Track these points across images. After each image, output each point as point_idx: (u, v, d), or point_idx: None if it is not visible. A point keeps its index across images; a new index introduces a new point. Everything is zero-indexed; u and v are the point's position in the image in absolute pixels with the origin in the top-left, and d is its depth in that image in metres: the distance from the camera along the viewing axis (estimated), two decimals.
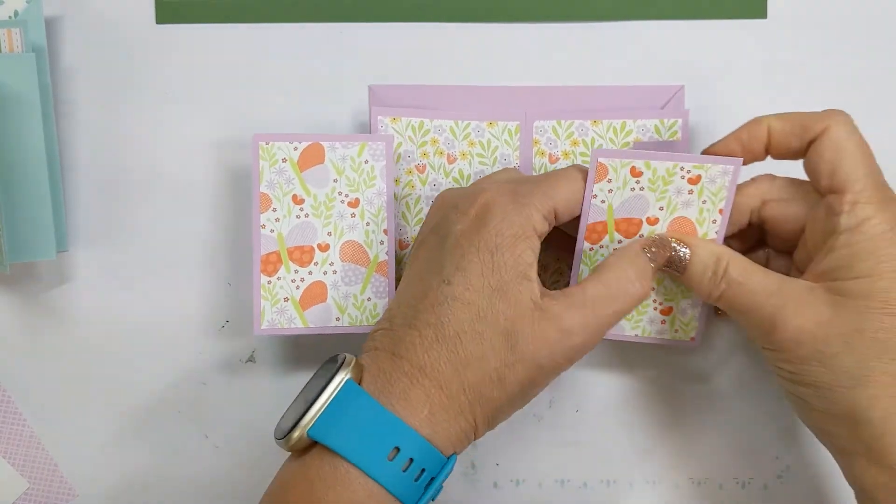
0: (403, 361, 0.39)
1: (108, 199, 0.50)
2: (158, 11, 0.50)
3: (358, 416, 0.38)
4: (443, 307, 0.39)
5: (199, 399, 0.50)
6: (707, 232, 0.44)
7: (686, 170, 0.43)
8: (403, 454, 0.37)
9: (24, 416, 0.50)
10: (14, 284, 0.50)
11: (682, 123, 0.47)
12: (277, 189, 0.46)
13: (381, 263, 0.47)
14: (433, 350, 0.39)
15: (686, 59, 0.50)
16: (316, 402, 0.38)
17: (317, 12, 0.50)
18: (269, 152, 0.46)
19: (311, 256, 0.46)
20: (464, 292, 0.39)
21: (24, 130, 0.46)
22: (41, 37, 0.47)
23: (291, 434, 0.38)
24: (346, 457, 0.37)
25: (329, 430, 0.38)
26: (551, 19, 0.50)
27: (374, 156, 0.46)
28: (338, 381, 0.39)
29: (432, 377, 0.39)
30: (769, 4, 0.50)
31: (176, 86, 0.50)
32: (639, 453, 0.50)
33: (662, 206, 0.43)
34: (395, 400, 0.38)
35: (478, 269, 0.39)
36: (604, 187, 0.43)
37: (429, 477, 0.38)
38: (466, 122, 0.48)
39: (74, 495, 0.50)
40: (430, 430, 0.38)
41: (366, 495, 0.37)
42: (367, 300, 0.47)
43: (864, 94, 0.50)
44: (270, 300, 0.46)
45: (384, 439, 0.37)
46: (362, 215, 0.46)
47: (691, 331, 0.46)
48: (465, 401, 0.39)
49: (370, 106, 0.49)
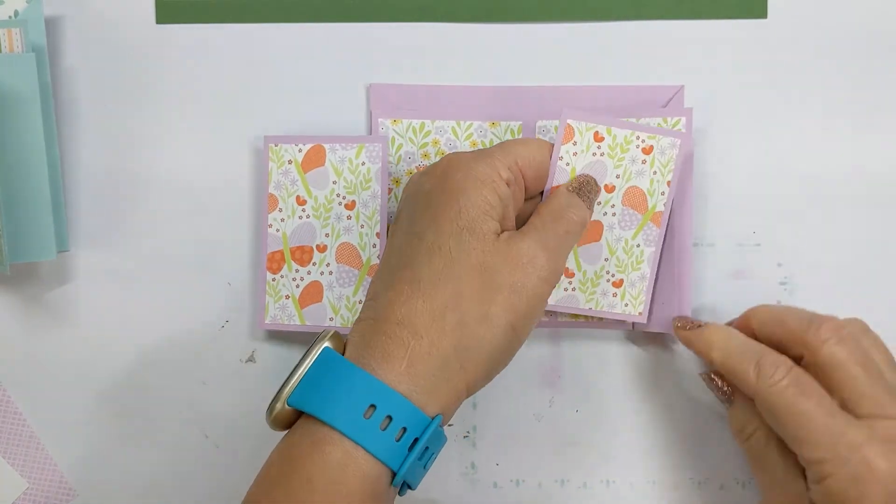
0: (382, 322, 0.39)
1: (108, 200, 0.50)
2: (159, 11, 0.50)
3: (334, 380, 0.38)
4: (416, 260, 0.39)
5: (200, 399, 0.50)
6: (656, 203, 0.46)
7: (641, 139, 0.46)
8: (380, 411, 0.37)
9: (24, 416, 0.50)
10: (14, 285, 0.50)
11: (686, 122, 0.47)
12: (283, 190, 0.47)
13: (373, 266, 0.47)
14: (410, 302, 0.39)
15: (686, 59, 0.50)
16: (294, 374, 0.39)
17: (317, 12, 0.50)
18: (277, 154, 0.47)
19: (310, 256, 0.47)
20: (436, 240, 0.39)
21: (24, 130, 0.46)
22: (41, 37, 0.47)
23: (273, 405, 0.38)
24: (320, 417, 0.37)
25: (305, 396, 0.38)
26: (551, 19, 0.50)
27: (371, 158, 0.47)
28: (315, 350, 0.39)
29: (409, 328, 0.38)
30: (769, 4, 0.50)
31: (176, 86, 0.50)
32: (639, 453, 0.50)
33: (619, 175, 0.46)
34: (372, 360, 0.38)
35: (446, 214, 0.40)
36: (569, 149, 0.45)
37: (412, 437, 0.37)
38: (469, 123, 0.48)
39: (74, 495, 0.50)
40: (409, 385, 0.38)
41: (342, 455, 0.36)
42: (359, 302, 0.47)
43: (865, 95, 0.50)
44: (274, 297, 0.47)
45: (358, 397, 0.37)
46: (357, 217, 0.47)
47: (639, 305, 0.47)
48: (448, 347, 0.38)
49: (370, 107, 0.49)
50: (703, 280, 0.49)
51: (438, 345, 0.38)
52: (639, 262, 0.47)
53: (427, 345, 0.38)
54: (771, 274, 0.50)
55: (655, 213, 0.47)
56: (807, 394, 0.40)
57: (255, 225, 0.50)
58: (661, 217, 0.47)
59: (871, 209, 0.49)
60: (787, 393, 0.40)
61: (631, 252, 0.47)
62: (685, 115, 0.47)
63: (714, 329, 0.44)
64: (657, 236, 0.47)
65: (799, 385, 0.40)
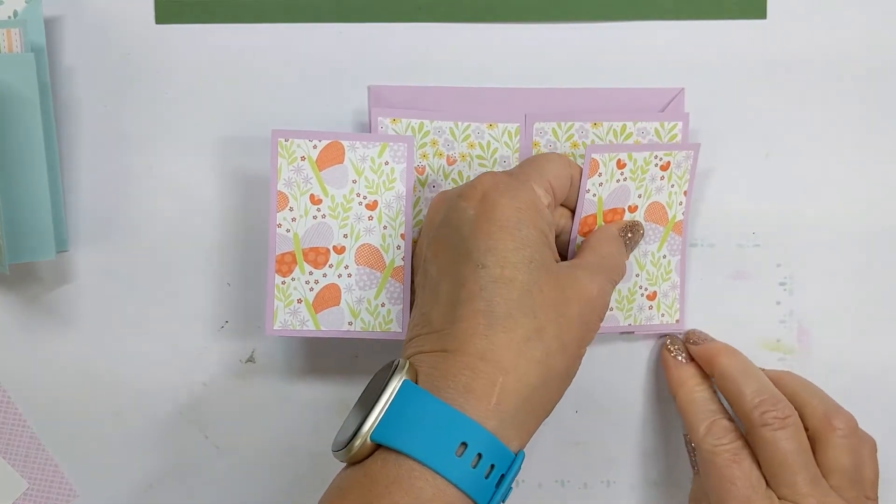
0: (460, 355, 0.38)
1: (107, 200, 0.50)
2: (158, 11, 0.50)
3: (420, 415, 0.37)
4: (487, 291, 0.39)
5: (199, 399, 0.50)
6: (675, 214, 0.47)
7: (659, 157, 0.46)
8: (471, 449, 0.36)
9: (24, 417, 0.50)
10: (14, 285, 0.50)
11: (682, 126, 0.47)
12: (295, 188, 0.45)
13: (396, 269, 0.46)
14: (489, 336, 0.38)
15: (686, 60, 0.50)
16: (375, 408, 0.37)
17: (317, 12, 0.50)
18: (287, 150, 0.45)
19: (326, 258, 0.45)
20: (502, 271, 0.39)
21: (23, 130, 0.46)
22: (41, 37, 0.47)
23: (353, 443, 0.37)
24: (411, 454, 0.36)
25: (391, 431, 0.37)
26: (551, 19, 0.50)
27: (395, 157, 0.45)
28: (395, 383, 0.38)
29: (493, 363, 0.38)
30: (769, 5, 0.50)
31: (175, 86, 0.50)
32: (639, 454, 0.50)
33: (640, 194, 0.47)
34: (457, 395, 0.37)
35: (508, 245, 0.39)
36: (595, 181, 0.45)
37: (499, 474, 0.38)
38: (466, 124, 0.48)
39: (75, 495, 0.50)
40: (497, 422, 0.37)
41: (433, 492, 0.36)
42: (381, 305, 0.46)
43: (865, 95, 0.50)
44: (284, 301, 0.45)
45: (450, 435, 0.36)
46: (380, 218, 0.46)
47: (675, 313, 0.48)
48: (535, 381, 0.38)
49: (370, 106, 0.48)
50: (703, 280, 0.49)
51: (525, 380, 0.38)
52: (668, 273, 0.48)
53: (514, 380, 0.38)
54: (771, 274, 0.50)
55: (676, 223, 0.48)
56: (738, 463, 0.44)
57: (256, 224, 0.49)
58: (682, 226, 0.48)
59: (871, 209, 0.49)
60: (724, 457, 0.44)
61: (659, 264, 0.48)
62: (682, 120, 0.47)
63: (687, 376, 0.47)
64: (680, 244, 0.48)
65: (736, 454, 0.44)
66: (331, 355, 0.50)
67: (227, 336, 0.50)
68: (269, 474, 0.50)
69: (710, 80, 0.49)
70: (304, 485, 0.49)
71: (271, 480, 0.50)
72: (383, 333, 0.46)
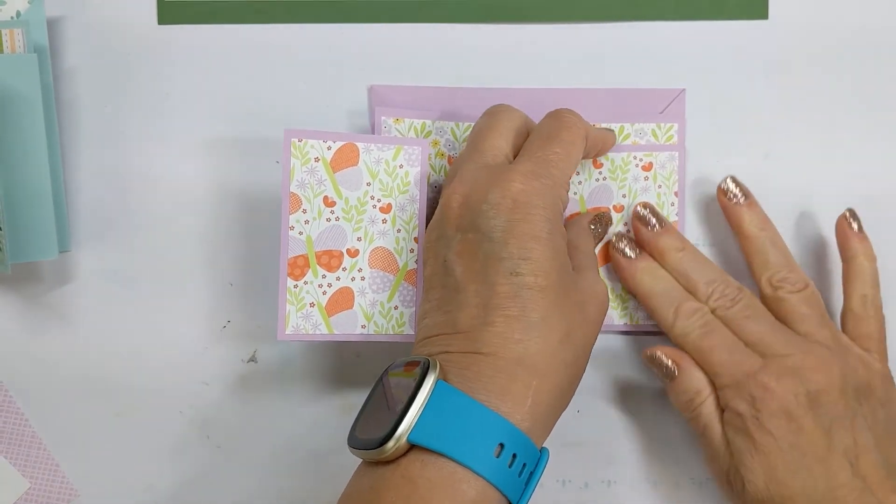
0: (494, 358, 0.39)
1: (109, 200, 0.50)
2: (160, 12, 0.50)
3: (458, 416, 0.37)
4: (520, 297, 0.39)
5: (201, 399, 0.50)
6: (668, 214, 0.48)
7: (639, 158, 0.48)
8: (508, 450, 0.37)
9: (26, 416, 0.50)
10: (15, 284, 0.50)
11: (679, 128, 0.48)
12: (308, 189, 0.44)
13: (409, 272, 0.45)
14: (525, 342, 0.39)
15: (686, 61, 0.50)
16: (411, 408, 0.37)
17: (317, 12, 0.50)
18: (301, 150, 0.44)
19: (339, 261, 0.45)
20: (536, 279, 0.39)
21: (25, 131, 0.46)
22: (43, 37, 0.47)
23: (386, 445, 0.37)
24: (453, 457, 0.37)
25: (431, 432, 0.37)
26: (551, 19, 0.50)
27: (410, 161, 0.45)
28: (430, 384, 0.38)
29: (530, 368, 0.39)
30: (770, 5, 0.50)
31: (177, 86, 0.50)
32: (640, 453, 0.50)
33: (625, 194, 0.48)
34: (493, 396, 0.38)
35: (543, 254, 0.40)
36: (574, 180, 0.47)
37: (529, 471, 0.38)
38: (468, 125, 0.48)
39: (76, 495, 0.50)
40: (530, 423, 0.38)
41: (476, 494, 0.37)
42: (395, 308, 0.45)
43: (866, 96, 0.50)
44: (296, 305, 0.44)
45: (489, 436, 0.37)
46: (394, 221, 0.45)
47: None
48: (565, 383, 0.40)
49: (372, 107, 0.49)
50: None
51: (557, 382, 0.39)
52: None
53: (547, 383, 0.39)
54: None
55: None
56: (712, 334, 0.45)
57: (258, 224, 0.50)
58: (676, 226, 0.48)
59: (871, 209, 0.49)
60: (697, 333, 0.45)
61: None
62: (678, 122, 0.48)
63: (644, 268, 0.47)
64: None
65: (707, 327, 0.45)
66: (333, 355, 0.50)
67: (228, 336, 0.50)
68: (270, 474, 0.50)
69: (711, 80, 0.50)
70: (306, 485, 0.49)
71: (273, 480, 0.50)
72: (397, 336, 0.45)
